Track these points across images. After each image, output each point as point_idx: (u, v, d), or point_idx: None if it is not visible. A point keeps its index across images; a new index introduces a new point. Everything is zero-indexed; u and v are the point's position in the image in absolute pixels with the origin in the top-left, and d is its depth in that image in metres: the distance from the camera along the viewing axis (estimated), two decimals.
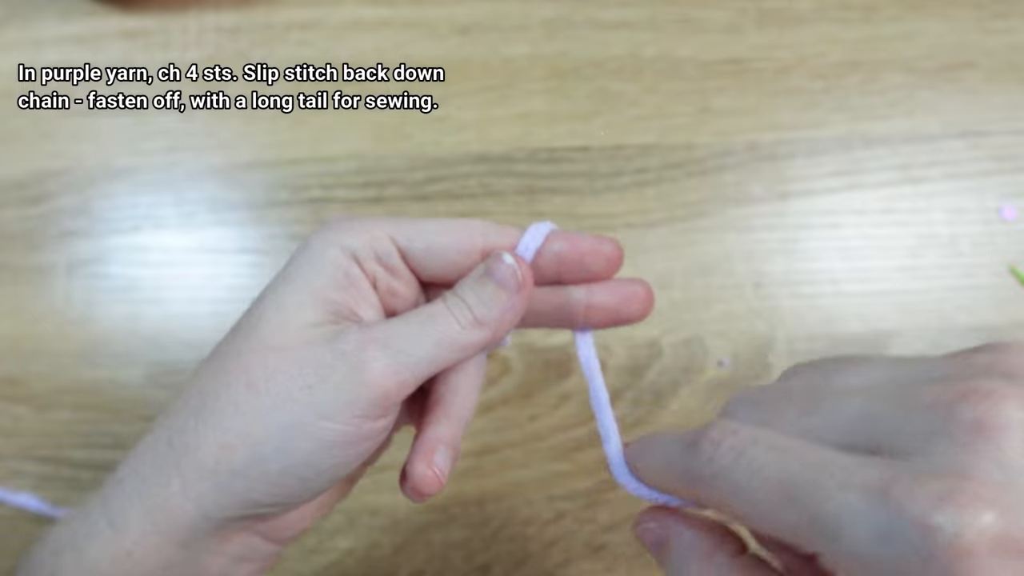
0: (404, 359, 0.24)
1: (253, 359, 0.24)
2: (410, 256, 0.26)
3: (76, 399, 0.41)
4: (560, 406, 0.41)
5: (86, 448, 0.40)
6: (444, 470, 0.26)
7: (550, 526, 0.39)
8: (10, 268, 0.43)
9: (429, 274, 0.27)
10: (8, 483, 0.40)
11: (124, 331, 0.42)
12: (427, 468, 0.26)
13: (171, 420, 0.25)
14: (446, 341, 0.25)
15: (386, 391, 0.24)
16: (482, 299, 0.25)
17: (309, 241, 0.26)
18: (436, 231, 0.26)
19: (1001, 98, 0.45)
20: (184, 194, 0.44)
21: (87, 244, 0.43)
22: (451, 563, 0.39)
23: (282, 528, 0.26)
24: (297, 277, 0.25)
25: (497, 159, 0.44)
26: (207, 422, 0.24)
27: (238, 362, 0.24)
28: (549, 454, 0.40)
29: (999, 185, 0.44)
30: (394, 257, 0.26)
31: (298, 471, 0.24)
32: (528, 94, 0.46)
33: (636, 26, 0.47)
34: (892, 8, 0.47)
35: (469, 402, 0.28)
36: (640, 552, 0.39)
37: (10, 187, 0.44)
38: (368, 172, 0.44)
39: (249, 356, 0.24)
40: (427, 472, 0.26)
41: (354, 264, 0.26)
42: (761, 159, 0.45)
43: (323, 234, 0.26)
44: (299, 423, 0.23)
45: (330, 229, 0.26)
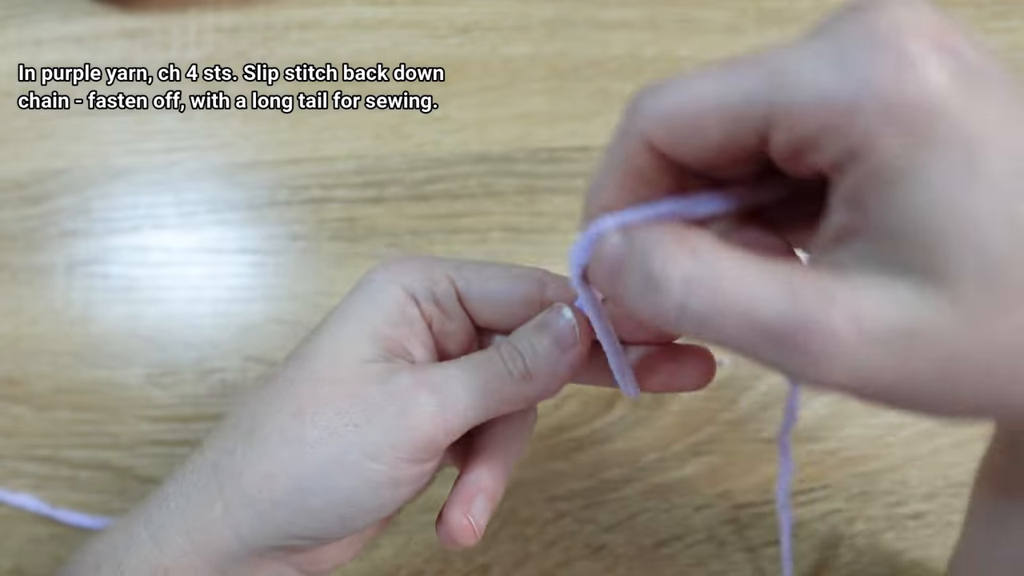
0: (452, 405, 0.24)
1: (303, 389, 0.24)
2: (467, 300, 0.26)
3: (76, 399, 0.41)
4: (560, 406, 0.40)
5: (86, 448, 0.40)
6: (480, 521, 0.25)
7: (550, 526, 0.39)
8: (9, 268, 0.43)
9: (485, 319, 0.27)
10: (7, 483, 0.40)
11: (124, 331, 0.42)
12: (463, 517, 0.25)
13: (219, 442, 0.25)
14: (496, 391, 0.24)
15: (433, 437, 0.24)
16: (537, 352, 0.24)
17: (371, 276, 0.26)
18: (496, 278, 0.26)
19: None
20: (184, 194, 0.44)
21: (87, 244, 0.43)
22: (451, 563, 0.39)
23: (316, 561, 0.27)
24: (355, 311, 0.25)
25: (497, 159, 0.44)
26: (253, 448, 0.24)
27: (289, 391, 0.25)
28: (549, 454, 0.40)
29: None
30: (452, 299, 0.26)
31: (339, 508, 0.24)
32: (528, 94, 0.46)
33: (636, 26, 0.47)
34: None
35: (514, 452, 0.27)
36: (640, 552, 0.39)
37: (10, 187, 0.44)
38: (368, 172, 0.44)
39: (300, 386, 0.24)
40: (462, 521, 0.25)
41: (412, 303, 0.26)
42: None
43: (385, 270, 0.26)
44: (343, 460, 0.24)
45: (392, 266, 0.26)
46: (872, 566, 0.38)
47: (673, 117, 0.18)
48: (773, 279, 0.17)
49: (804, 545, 0.38)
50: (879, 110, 0.16)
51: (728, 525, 0.39)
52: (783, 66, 0.17)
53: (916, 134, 0.16)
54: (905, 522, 0.38)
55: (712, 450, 0.40)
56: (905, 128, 0.16)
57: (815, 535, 0.39)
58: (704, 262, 0.18)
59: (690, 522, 0.39)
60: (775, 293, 0.17)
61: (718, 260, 0.18)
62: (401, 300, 0.25)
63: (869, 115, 0.16)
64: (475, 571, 0.38)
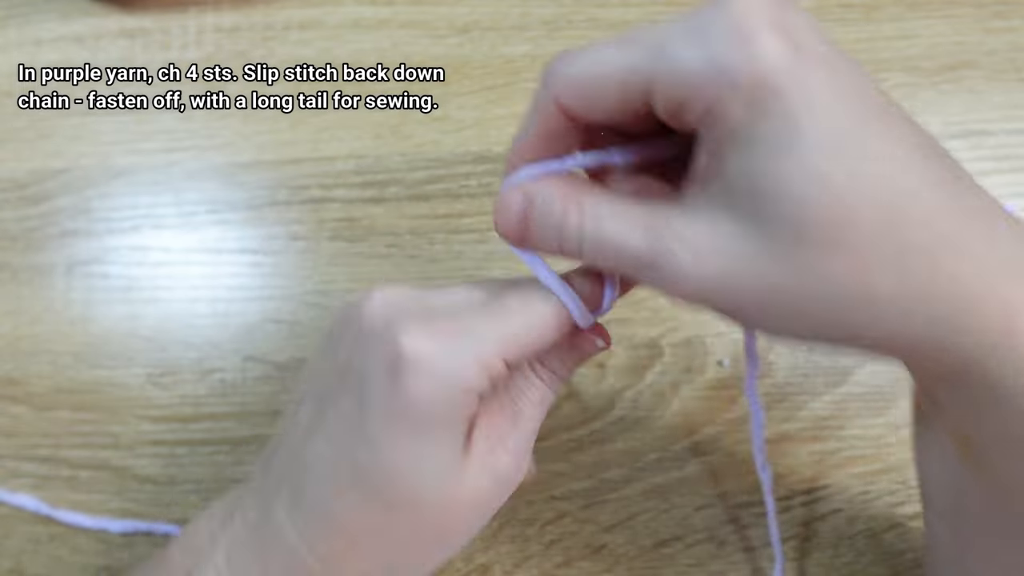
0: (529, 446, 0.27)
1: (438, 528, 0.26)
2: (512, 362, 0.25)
3: (76, 399, 0.41)
4: (560, 406, 0.40)
5: (85, 448, 0.40)
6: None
7: (550, 526, 0.39)
8: (9, 268, 0.43)
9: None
10: (7, 483, 0.40)
11: (123, 331, 0.42)
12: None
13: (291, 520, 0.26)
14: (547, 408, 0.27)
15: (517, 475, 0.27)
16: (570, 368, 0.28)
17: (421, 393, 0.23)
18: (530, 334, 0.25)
19: (1002, 98, 0.45)
20: (184, 194, 0.44)
21: (86, 244, 0.43)
22: (451, 563, 0.39)
23: None
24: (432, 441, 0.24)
25: (497, 159, 0.44)
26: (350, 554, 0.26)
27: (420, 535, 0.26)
28: (549, 454, 0.40)
29: (1000, 185, 0.44)
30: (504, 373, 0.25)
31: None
32: (528, 94, 0.45)
33: (636, 26, 0.46)
34: (893, 7, 0.47)
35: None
36: (640, 552, 0.39)
37: (10, 187, 0.44)
38: (368, 172, 0.44)
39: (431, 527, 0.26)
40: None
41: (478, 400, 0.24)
42: None
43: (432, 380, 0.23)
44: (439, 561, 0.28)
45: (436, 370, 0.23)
46: (872, 566, 0.38)
47: (577, 83, 0.23)
48: (639, 220, 0.22)
49: (805, 545, 0.38)
50: (726, 83, 0.20)
51: (728, 525, 0.39)
52: (659, 42, 0.21)
53: (753, 104, 0.20)
54: (906, 522, 0.38)
55: (712, 450, 0.40)
56: (745, 99, 0.20)
57: (815, 535, 0.39)
58: (587, 213, 0.23)
59: (690, 522, 0.39)
60: (639, 232, 0.22)
61: (599, 207, 0.23)
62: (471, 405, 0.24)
63: (719, 87, 0.20)
64: (475, 571, 0.38)
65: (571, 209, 0.23)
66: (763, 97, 0.19)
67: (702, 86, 0.20)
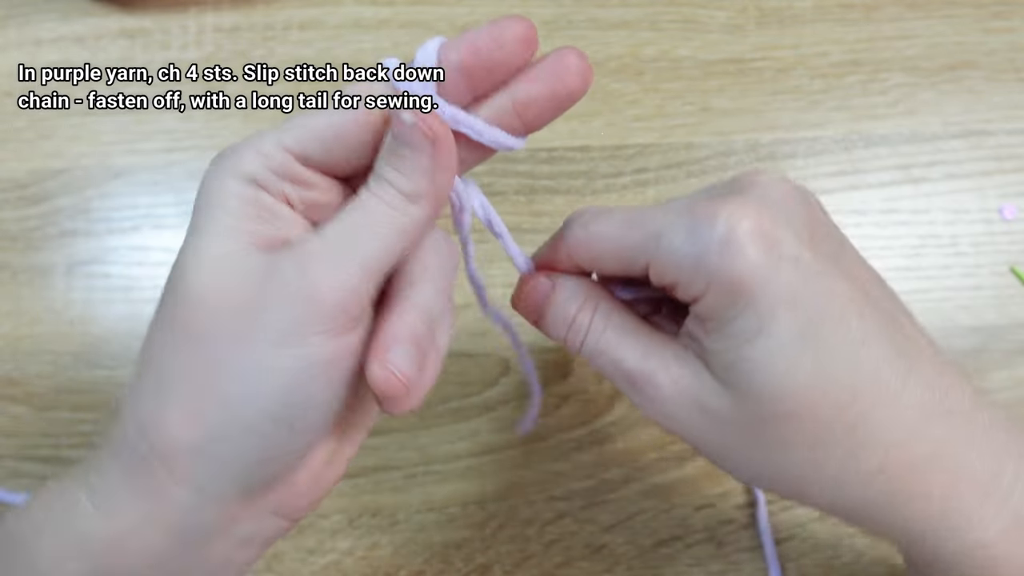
0: (344, 262, 0.22)
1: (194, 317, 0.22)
2: (312, 159, 0.24)
3: (75, 399, 0.41)
4: (560, 406, 0.40)
5: (85, 448, 0.40)
6: (404, 368, 0.23)
7: (550, 526, 0.39)
8: (9, 268, 0.43)
9: (343, 169, 0.24)
10: (7, 483, 0.40)
11: (123, 331, 0.42)
12: (381, 369, 0.23)
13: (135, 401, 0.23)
14: (384, 230, 0.23)
15: (336, 301, 0.22)
16: (402, 171, 0.23)
17: (204, 182, 0.23)
18: (325, 123, 0.23)
19: (1002, 98, 0.45)
20: (184, 194, 0.44)
21: (86, 244, 0.43)
22: (451, 563, 0.39)
23: (294, 497, 0.25)
24: (207, 224, 0.23)
25: (497, 159, 0.44)
26: (167, 396, 0.22)
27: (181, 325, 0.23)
28: (549, 454, 0.40)
29: (1000, 185, 0.44)
30: (296, 167, 0.23)
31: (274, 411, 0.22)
32: None
33: (636, 26, 0.47)
34: (893, 7, 0.47)
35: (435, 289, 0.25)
36: (640, 552, 0.39)
37: (10, 187, 0.44)
38: None
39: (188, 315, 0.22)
40: (380, 373, 0.22)
41: (260, 190, 0.23)
42: (761, 159, 0.44)
43: (215, 169, 0.23)
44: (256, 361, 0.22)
45: (220, 161, 0.23)
46: (872, 566, 0.38)
47: (586, 246, 0.27)
48: (638, 341, 0.27)
49: (804, 545, 0.38)
50: (710, 279, 0.24)
51: (728, 525, 0.39)
52: (658, 231, 0.25)
53: (730, 300, 0.23)
54: None
55: None
56: (723, 294, 0.24)
57: (815, 535, 0.39)
58: (598, 317, 0.27)
59: (690, 522, 0.39)
60: (637, 350, 0.26)
61: (609, 319, 0.27)
62: (248, 192, 0.23)
63: (703, 281, 0.24)
64: (475, 571, 0.38)
65: (587, 309, 0.27)
66: (737, 295, 0.23)
67: (689, 278, 0.24)
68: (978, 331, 0.42)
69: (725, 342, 0.24)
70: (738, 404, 0.24)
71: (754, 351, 0.23)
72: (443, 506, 0.39)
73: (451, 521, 0.39)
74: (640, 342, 0.27)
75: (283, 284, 0.22)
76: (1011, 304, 0.42)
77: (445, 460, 0.40)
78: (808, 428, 0.24)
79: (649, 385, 0.26)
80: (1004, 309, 0.42)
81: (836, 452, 0.24)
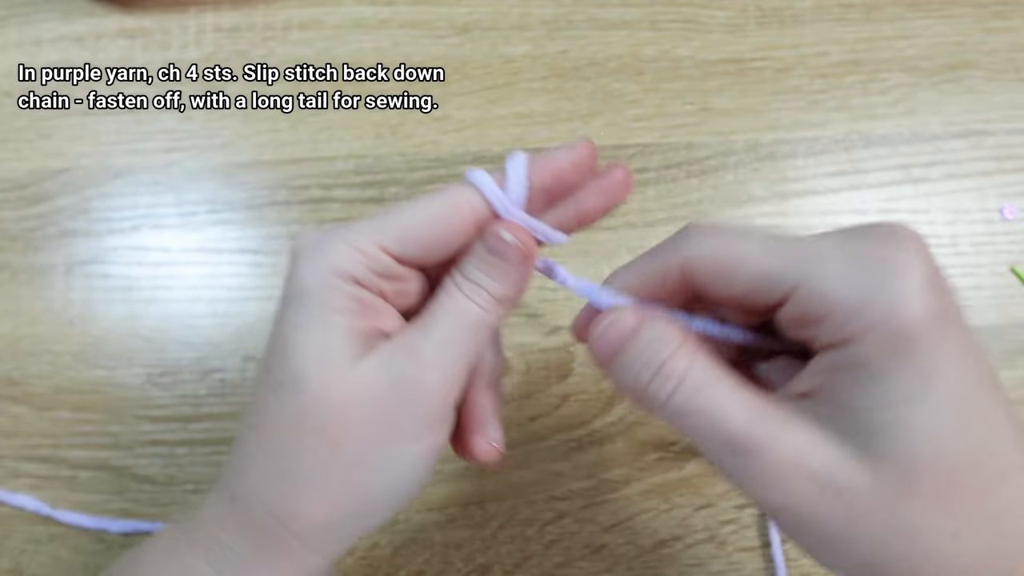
0: (456, 367, 0.25)
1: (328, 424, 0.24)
2: (403, 255, 0.25)
3: (75, 399, 0.41)
4: (560, 406, 0.40)
5: (85, 448, 0.40)
6: (499, 439, 0.27)
7: (550, 526, 0.39)
8: (9, 268, 0.43)
9: (429, 263, 0.26)
10: (7, 483, 0.40)
11: (123, 331, 0.42)
12: (485, 444, 0.27)
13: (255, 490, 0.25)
14: (476, 328, 0.25)
15: (444, 400, 0.25)
16: (495, 278, 0.25)
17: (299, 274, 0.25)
18: (421, 224, 0.25)
19: (1002, 97, 0.45)
20: (184, 194, 0.44)
21: (86, 244, 0.43)
22: (451, 563, 0.39)
23: None
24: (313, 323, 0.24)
25: (497, 159, 0.44)
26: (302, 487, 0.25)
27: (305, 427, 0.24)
28: (549, 454, 0.40)
29: (1000, 185, 0.44)
30: (394, 267, 0.25)
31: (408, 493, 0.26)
32: (528, 94, 0.46)
33: (636, 26, 0.47)
34: (893, 7, 0.47)
35: (494, 355, 0.29)
36: (640, 552, 0.39)
37: (10, 187, 0.44)
38: (368, 172, 0.44)
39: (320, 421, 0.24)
40: (486, 448, 0.27)
41: (360, 288, 0.25)
42: (761, 159, 0.44)
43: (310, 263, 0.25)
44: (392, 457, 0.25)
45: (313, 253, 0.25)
46: None
47: (713, 260, 0.23)
48: (745, 399, 0.22)
49: None
50: (874, 321, 0.20)
51: (728, 525, 0.39)
52: (817, 256, 0.21)
53: (894, 349, 0.20)
54: None
55: None
56: (887, 342, 0.20)
57: None
58: (698, 367, 0.22)
59: (690, 522, 0.39)
60: (744, 411, 0.22)
61: (710, 369, 0.22)
62: (347, 290, 0.24)
63: (866, 321, 0.20)
64: (475, 571, 0.38)
65: (683, 355, 0.22)
66: (905, 346, 0.20)
67: (846, 316, 0.21)
68: (978, 331, 0.41)
69: (877, 399, 0.20)
70: (880, 476, 0.20)
71: (919, 413, 0.20)
72: (443, 506, 0.39)
73: (451, 521, 0.39)
74: (747, 400, 0.22)
75: (408, 389, 0.24)
76: (1011, 304, 0.42)
77: (445, 460, 0.40)
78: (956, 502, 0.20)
79: (759, 454, 0.21)
80: (1004, 309, 0.42)
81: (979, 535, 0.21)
